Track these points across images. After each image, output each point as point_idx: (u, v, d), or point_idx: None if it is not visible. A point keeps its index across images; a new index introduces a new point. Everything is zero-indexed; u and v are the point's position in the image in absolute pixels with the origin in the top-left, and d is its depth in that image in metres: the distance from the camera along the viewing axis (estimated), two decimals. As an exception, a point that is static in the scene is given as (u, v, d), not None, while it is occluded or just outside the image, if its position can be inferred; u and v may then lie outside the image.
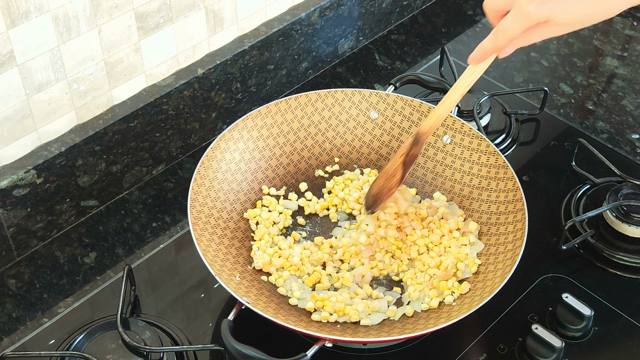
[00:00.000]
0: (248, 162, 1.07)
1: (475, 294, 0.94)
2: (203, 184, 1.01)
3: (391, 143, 1.12)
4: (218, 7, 1.14)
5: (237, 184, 1.06)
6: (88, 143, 1.05)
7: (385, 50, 1.42)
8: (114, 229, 1.11)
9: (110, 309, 0.99)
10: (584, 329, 0.97)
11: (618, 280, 1.05)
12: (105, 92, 1.07)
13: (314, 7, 1.26)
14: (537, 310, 1.00)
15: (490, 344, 0.97)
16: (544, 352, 0.93)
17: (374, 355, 0.97)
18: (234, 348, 0.83)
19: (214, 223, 1.00)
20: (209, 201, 1.00)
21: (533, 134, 1.26)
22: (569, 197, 1.14)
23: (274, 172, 1.10)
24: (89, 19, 0.98)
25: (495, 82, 1.34)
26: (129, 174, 1.14)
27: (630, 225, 1.08)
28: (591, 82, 1.35)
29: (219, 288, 1.03)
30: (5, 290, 1.03)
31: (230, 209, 1.03)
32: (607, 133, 1.26)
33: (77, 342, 0.92)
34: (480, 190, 1.05)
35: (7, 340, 0.98)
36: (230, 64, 1.17)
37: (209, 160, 1.03)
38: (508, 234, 0.98)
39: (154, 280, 1.05)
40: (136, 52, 1.07)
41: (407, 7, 1.47)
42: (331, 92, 1.12)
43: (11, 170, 1.00)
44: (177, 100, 1.13)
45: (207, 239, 0.96)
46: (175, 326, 0.99)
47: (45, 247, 1.08)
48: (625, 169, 1.15)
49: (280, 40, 1.24)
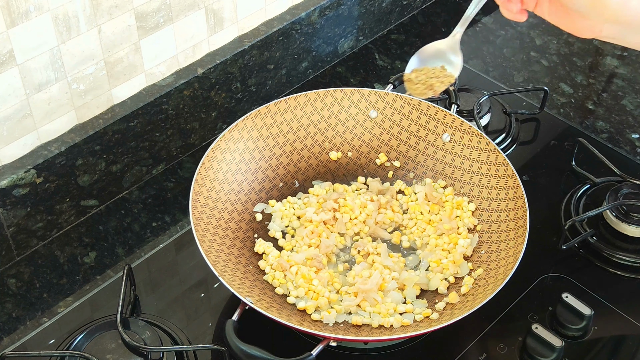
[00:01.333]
0: (248, 162, 1.07)
1: (477, 292, 0.94)
2: (204, 184, 1.01)
3: (390, 142, 1.12)
4: (218, 6, 1.14)
5: (237, 184, 1.06)
6: (88, 143, 1.05)
7: (385, 50, 1.42)
8: (114, 228, 1.11)
9: (110, 308, 0.99)
10: (584, 329, 0.97)
11: (618, 280, 1.05)
12: (105, 92, 1.07)
13: (313, 6, 1.26)
14: (537, 310, 1.00)
15: (490, 343, 0.97)
16: (544, 352, 0.93)
17: (375, 355, 0.97)
18: (239, 348, 0.83)
19: (215, 224, 1.00)
20: (210, 202, 1.00)
21: (533, 134, 1.26)
22: (569, 196, 1.14)
23: (274, 172, 1.10)
24: (89, 19, 0.98)
25: (495, 82, 1.34)
26: (129, 173, 1.14)
27: (630, 225, 1.08)
28: (591, 81, 1.35)
29: (219, 287, 1.03)
30: (5, 289, 1.03)
31: (232, 209, 1.03)
32: (607, 133, 1.26)
33: (77, 342, 0.92)
34: (480, 187, 1.05)
35: (7, 339, 0.98)
36: (230, 63, 1.17)
37: (210, 161, 1.03)
38: (509, 231, 0.98)
39: (154, 280, 1.05)
40: (136, 51, 1.07)
41: (407, 7, 1.47)
42: (330, 91, 1.12)
43: (11, 169, 1.00)
44: (177, 100, 1.13)
45: (209, 239, 0.96)
46: (175, 326, 0.99)
47: (45, 247, 1.08)
48: (625, 169, 1.15)
49: (280, 39, 1.24)
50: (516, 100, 1.30)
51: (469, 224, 1.04)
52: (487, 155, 1.06)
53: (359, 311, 0.96)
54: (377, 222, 1.06)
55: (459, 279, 0.99)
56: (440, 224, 1.05)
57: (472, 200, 1.06)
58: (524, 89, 1.31)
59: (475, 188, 1.06)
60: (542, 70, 1.37)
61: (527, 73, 1.37)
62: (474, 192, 1.06)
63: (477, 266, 0.99)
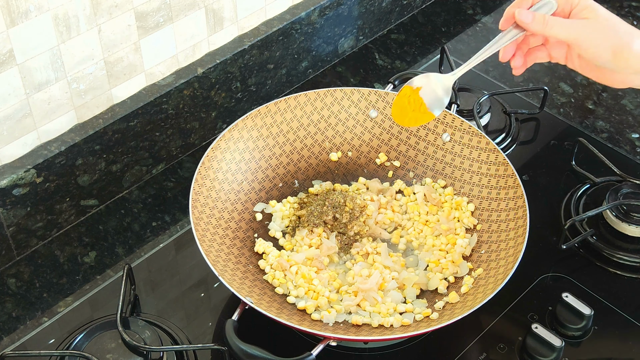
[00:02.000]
0: (248, 162, 1.07)
1: (477, 291, 0.94)
2: (204, 184, 1.01)
3: (390, 141, 1.12)
4: (218, 6, 1.14)
5: (237, 183, 1.06)
6: (88, 142, 1.05)
7: (385, 50, 1.42)
8: (114, 228, 1.11)
9: (110, 308, 0.99)
10: (584, 328, 0.97)
11: (618, 280, 1.05)
12: (105, 92, 1.07)
13: (313, 6, 1.26)
14: (537, 310, 1.00)
15: (490, 343, 0.97)
16: (543, 352, 0.93)
17: (375, 354, 0.97)
18: (239, 348, 0.83)
19: (215, 223, 0.99)
20: (210, 201, 1.00)
21: (533, 134, 1.26)
22: (569, 196, 1.14)
23: (274, 171, 1.09)
24: (89, 18, 0.98)
25: (495, 82, 1.34)
26: (128, 173, 1.14)
27: (630, 225, 1.08)
28: (591, 81, 1.35)
29: (219, 287, 1.03)
30: (5, 289, 1.03)
31: (232, 209, 1.03)
32: (607, 132, 1.26)
33: (77, 342, 0.92)
34: (480, 187, 1.05)
35: (7, 339, 0.98)
36: (230, 63, 1.17)
37: (210, 161, 1.03)
38: (509, 231, 0.98)
39: (153, 280, 1.05)
40: (136, 51, 1.07)
41: (407, 7, 1.47)
42: (330, 91, 1.12)
43: (11, 169, 1.00)
44: (177, 100, 1.13)
45: (209, 239, 0.96)
46: (175, 325, 0.99)
47: (45, 247, 1.08)
48: (625, 169, 1.15)
49: (280, 39, 1.24)
50: (516, 100, 1.30)
51: (468, 224, 1.04)
52: (487, 155, 1.06)
53: (359, 311, 0.96)
54: (377, 222, 1.06)
55: (459, 278, 0.99)
56: (438, 225, 1.05)
57: (471, 200, 1.06)
58: (524, 88, 1.31)
59: (475, 188, 1.06)
60: (542, 70, 1.37)
61: (527, 73, 1.37)
62: (474, 191, 1.06)
63: (477, 266, 0.99)
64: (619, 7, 1.50)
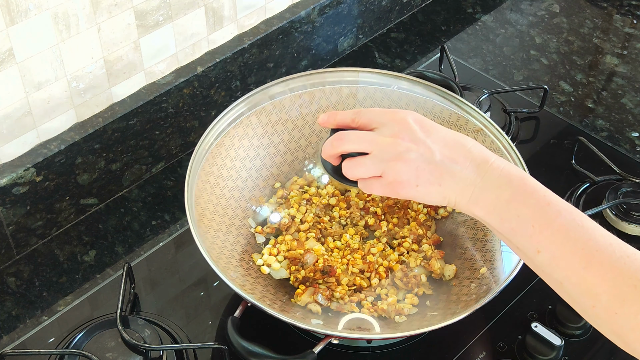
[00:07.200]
0: (253, 160, 1.07)
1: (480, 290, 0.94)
2: (208, 180, 1.00)
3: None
4: (217, 4, 1.14)
5: (242, 180, 1.05)
6: (87, 141, 1.05)
7: (385, 49, 1.42)
8: (114, 227, 1.11)
9: (110, 307, 0.99)
10: (584, 327, 0.97)
11: (618, 278, 1.05)
12: (105, 90, 1.07)
13: (313, 5, 1.26)
14: (536, 309, 1.00)
15: (490, 341, 0.97)
16: (543, 350, 0.93)
17: (377, 353, 0.97)
18: (241, 345, 0.83)
19: (219, 219, 0.99)
20: (214, 198, 1.00)
21: (533, 132, 1.26)
22: (569, 195, 1.14)
23: (279, 169, 1.09)
24: (89, 17, 0.98)
25: (495, 80, 1.34)
26: (128, 172, 1.14)
27: (630, 224, 1.08)
28: (591, 80, 1.35)
29: (219, 286, 1.03)
30: (4, 288, 1.03)
31: (235, 206, 1.03)
32: (606, 131, 1.26)
33: (77, 340, 0.92)
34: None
35: (7, 338, 0.98)
36: (229, 62, 1.17)
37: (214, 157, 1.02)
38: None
39: (153, 278, 1.05)
40: (136, 50, 1.07)
41: (407, 5, 1.47)
42: (336, 88, 1.11)
43: (11, 168, 1.00)
44: (177, 98, 1.13)
45: (212, 235, 0.96)
46: (175, 324, 0.99)
47: (45, 245, 1.08)
48: (625, 167, 1.15)
49: (280, 38, 1.24)
50: (516, 98, 1.30)
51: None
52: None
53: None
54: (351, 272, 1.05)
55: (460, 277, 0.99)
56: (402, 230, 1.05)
57: None
58: (524, 87, 1.31)
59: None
60: (541, 69, 1.37)
61: (527, 71, 1.37)
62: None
63: (480, 265, 0.99)
64: (618, 7, 1.50)
